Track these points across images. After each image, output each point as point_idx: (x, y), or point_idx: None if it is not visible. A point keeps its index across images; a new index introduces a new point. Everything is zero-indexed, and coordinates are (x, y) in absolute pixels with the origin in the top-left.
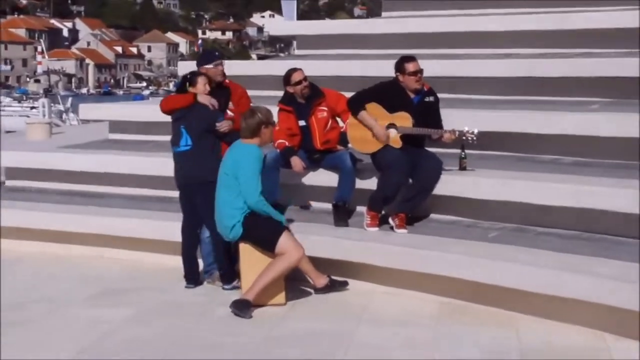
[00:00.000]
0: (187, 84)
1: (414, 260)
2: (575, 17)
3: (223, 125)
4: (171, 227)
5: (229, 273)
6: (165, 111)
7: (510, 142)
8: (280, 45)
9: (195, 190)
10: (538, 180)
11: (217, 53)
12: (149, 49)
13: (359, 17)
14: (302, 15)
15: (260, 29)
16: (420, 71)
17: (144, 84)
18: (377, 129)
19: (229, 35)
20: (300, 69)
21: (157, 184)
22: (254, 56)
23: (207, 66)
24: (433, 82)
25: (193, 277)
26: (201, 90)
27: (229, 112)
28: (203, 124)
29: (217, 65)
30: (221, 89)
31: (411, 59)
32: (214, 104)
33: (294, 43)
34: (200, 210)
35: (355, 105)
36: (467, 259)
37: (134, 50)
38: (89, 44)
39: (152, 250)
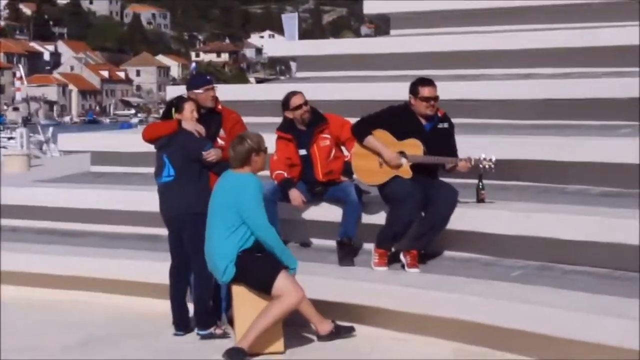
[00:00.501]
0: (173, 109)
1: (427, 302)
2: (601, 32)
3: (210, 154)
4: (159, 269)
5: (208, 317)
6: (147, 139)
7: (532, 170)
8: (281, 67)
9: (182, 225)
10: (564, 212)
11: (208, 77)
12: (138, 73)
13: (367, 35)
14: (304, 35)
15: (258, 50)
16: (435, 98)
17: (133, 111)
18: (387, 153)
19: (224, 57)
20: (300, 93)
21: (144, 220)
22: (252, 79)
23: (196, 91)
24: (446, 105)
25: (183, 324)
26: (188, 116)
27: (219, 141)
28: (187, 153)
29: (207, 90)
30: (212, 115)
31: (428, 82)
32: (200, 131)
33: (293, 65)
34: (188, 245)
35: (361, 131)
36: (486, 300)
37: (122, 74)
38: (72, 68)
39: (139, 294)
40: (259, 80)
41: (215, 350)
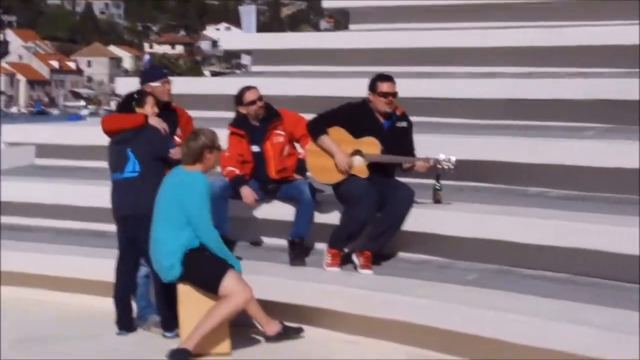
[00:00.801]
0: (134, 103)
1: (380, 305)
2: (567, 32)
3: (177, 153)
4: (105, 266)
5: (171, 319)
6: (108, 130)
7: (492, 172)
8: (237, 61)
9: (138, 223)
10: (523, 215)
11: (164, 70)
12: (89, 64)
13: (326, 30)
14: (262, 28)
15: (214, 43)
16: (394, 94)
17: (83, 102)
18: (338, 157)
19: (179, 49)
20: (254, 87)
21: (90, 216)
22: (207, 73)
23: (153, 84)
24: (406, 103)
25: (126, 323)
26: (149, 111)
27: (176, 139)
28: (154, 149)
29: (164, 83)
30: (168, 112)
31: (387, 78)
32: (165, 128)
33: (245, 58)
34: (145, 246)
35: (316, 129)
36: (441, 304)
37: (72, 65)
38: (21, 57)
39: (83, 292)
40: (214, 74)
41: (158, 351)
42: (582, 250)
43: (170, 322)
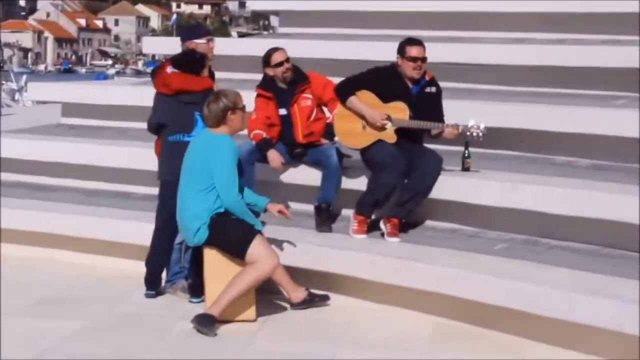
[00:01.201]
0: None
1: (407, 274)
2: None
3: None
4: (130, 228)
5: (200, 285)
6: (176, 89)
7: (521, 140)
8: (264, 22)
9: None
10: (552, 185)
11: (206, 27)
12: (117, 23)
13: None
14: None
15: (242, 4)
16: (423, 59)
17: (110, 61)
18: (370, 113)
19: (206, 9)
20: (282, 49)
21: (115, 177)
22: (234, 34)
23: (197, 41)
24: (435, 68)
25: (155, 284)
26: (206, 74)
27: None
28: None
29: (209, 41)
30: (210, 75)
31: (416, 42)
32: None
33: (274, 19)
34: None
35: (344, 92)
36: (468, 274)
37: (100, 23)
38: (48, 15)
39: (107, 254)
40: (241, 35)
41: (183, 315)
42: (610, 222)
43: (198, 288)
